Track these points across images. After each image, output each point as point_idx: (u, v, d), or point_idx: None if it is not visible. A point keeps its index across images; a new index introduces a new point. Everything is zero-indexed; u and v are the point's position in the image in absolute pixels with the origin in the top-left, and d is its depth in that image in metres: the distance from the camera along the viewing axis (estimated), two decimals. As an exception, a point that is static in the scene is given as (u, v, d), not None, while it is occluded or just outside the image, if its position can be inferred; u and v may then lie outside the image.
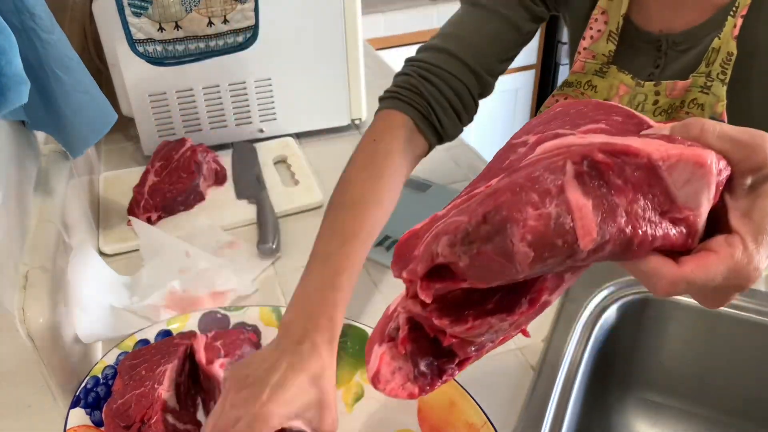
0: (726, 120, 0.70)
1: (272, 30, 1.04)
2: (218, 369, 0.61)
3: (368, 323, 0.69)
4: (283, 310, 0.70)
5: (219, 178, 1.04)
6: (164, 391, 0.57)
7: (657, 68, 0.76)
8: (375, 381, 0.43)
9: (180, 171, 0.98)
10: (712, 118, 0.70)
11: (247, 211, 0.97)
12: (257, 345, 0.68)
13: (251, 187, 1.01)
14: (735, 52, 0.68)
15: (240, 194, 1.00)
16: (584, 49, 0.79)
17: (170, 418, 0.57)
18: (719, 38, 0.69)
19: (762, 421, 0.79)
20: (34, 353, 0.58)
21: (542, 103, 1.04)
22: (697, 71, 0.72)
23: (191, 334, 0.65)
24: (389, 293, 0.81)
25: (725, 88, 0.69)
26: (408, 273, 0.38)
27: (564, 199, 0.32)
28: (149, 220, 0.93)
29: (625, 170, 0.33)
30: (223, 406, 0.54)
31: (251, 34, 0.96)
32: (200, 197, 0.99)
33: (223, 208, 0.98)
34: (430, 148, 0.80)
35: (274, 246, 0.86)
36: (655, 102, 0.75)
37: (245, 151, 1.10)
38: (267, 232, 0.88)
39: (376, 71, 1.48)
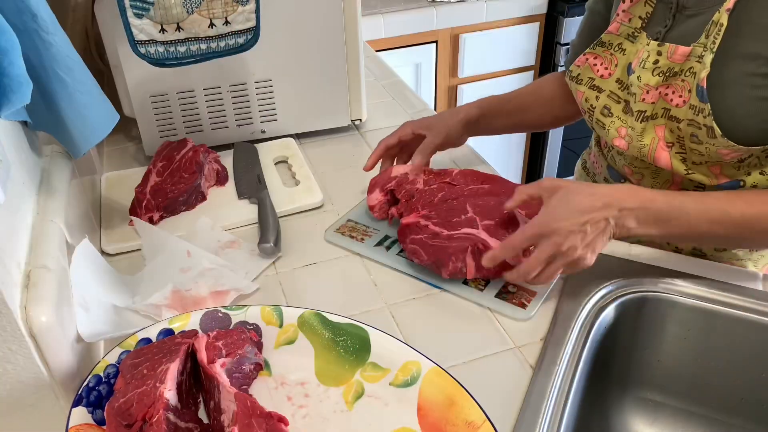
0: (705, 86, 0.74)
1: (273, 31, 1.05)
2: (219, 369, 0.62)
3: (368, 323, 0.69)
4: (284, 309, 0.70)
5: (220, 179, 1.04)
6: (166, 389, 0.57)
7: (664, 28, 0.82)
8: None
9: (182, 171, 0.98)
10: (698, 84, 0.75)
11: (248, 210, 0.97)
12: (259, 344, 0.69)
13: (252, 187, 1.01)
14: (725, 24, 0.73)
15: (241, 194, 1.01)
16: (623, 11, 0.86)
17: (172, 417, 0.57)
18: (719, 12, 0.74)
19: (760, 420, 0.79)
20: (36, 352, 0.59)
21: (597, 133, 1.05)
22: (698, 41, 0.76)
23: (193, 333, 0.65)
24: (389, 293, 0.81)
25: (712, 56, 0.74)
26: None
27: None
28: (151, 220, 0.94)
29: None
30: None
31: (252, 35, 0.97)
32: (202, 197, 1.00)
33: (224, 207, 0.99)
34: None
35: (274, 245, 0.86)
36: (656, 62, 0.80)
37: (246, 151, 1.10)
38: (267, 231, 0.89)
39: (376, 72, 1.48)
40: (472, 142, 1.28)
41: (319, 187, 1.02)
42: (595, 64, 0.89)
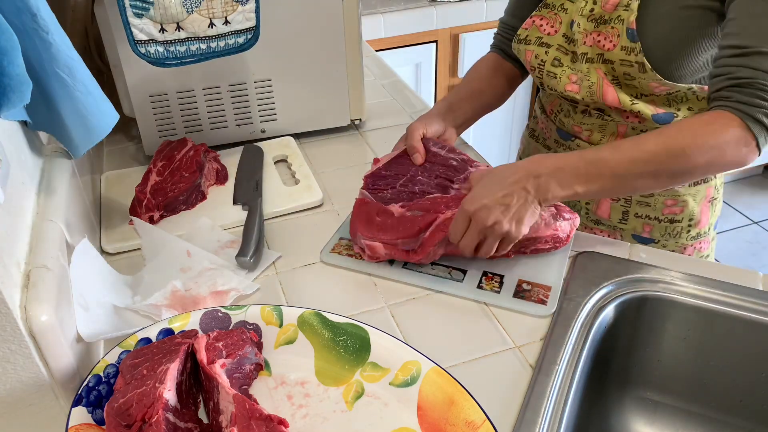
0: (635, 29, 0.86)
1: (273, 31, 1.05)
2: (219, 369, 0.62)
3: (368, 323, 0.69)
4: (284, 309, 0.70)
5: (220, 178, 1.04)
6: (165, 390, 0.57)
7: None
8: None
9: (182, 170, 0.98)
10: (628, 27, 0.86)
11: (243, 214, 0.97)
12: (259, 344, 0.69)
13: (248, 194, 1.00)
14: None
15: (236, 200, 1.00)
16: None
17: (171, 417, 0.57)
18: None
19: (759, 420, 0.79)
20: (36, 352, 0.59)
21: (541, 102, 1.09)
22: None
23: (193, 333, 0.65)
24: (389, 293, 0.81)
25: (638, 2, 0.85)
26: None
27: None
28: (151, 219, 0.94)
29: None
30: None
31: (252, 35, 0.97)
32: (202, 196, 1.00)
33: (224, 207, 0.99)
34: (522, 73, 1.12)
35: (251, 260, 0.84)
36: (591, 10, 0.91)
37: (253, 155, 1.10)
38: (248, 244, 0.87)
39: (376, 72, 1.48)
40: (473, 142, 1.28)
41: (318, 185, 1.02)
42: (541, 25, 0.98)
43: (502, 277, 0.82)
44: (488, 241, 0.78)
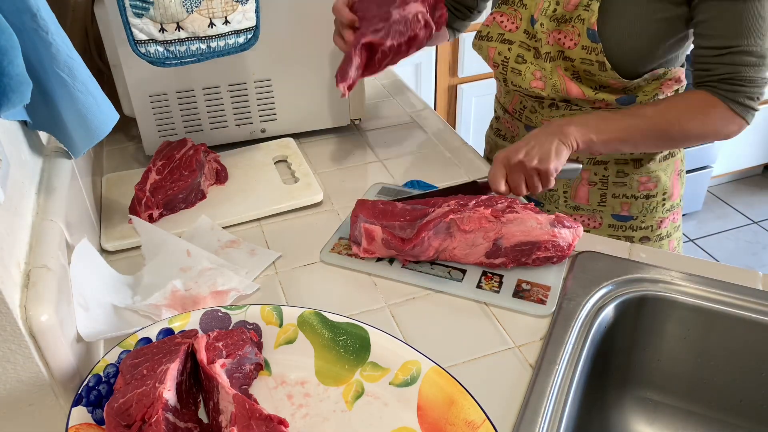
0: (597, 29, 0.90)
1: (273, 31, 1.05)
2: (219, 369, 0.62)
3: (368, 323, 0.69)
4: (284, 309, 0.70)
5: (220, 178, 1.04)
6: (165, 390, 0.57)
7: None
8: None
9: (182, 169, 0.98)
10: (589, 28, 0.90)
11: (247, 209, 0.97)
12: (259, 344, 0.69)
13: None
14: None
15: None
16: None
17: (171, 417, 0.57)
18: None
19: (760, 420, 0.79)
20: (36, 352, 0.59)
21: (500, 102, 1.13)
22: None
23: (193, 333, 0.65)
24: (389, 293, 0.81)
25: (599, 4, 0.89)
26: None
27: None
28: (151, 218, 0.94)
29: None
30: None
31: (252, 35, 0.97)
32: (201, 195, 1.00)
33: (224, 206, 0.99)
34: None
35: None
36: (554, 10, 0.94)
37: None
38: None
39: (376, 71, 1.48)
40: (472, 142, 1.28)
41: (318, 184, 1.02)
42: (502, 21, 1.01)
43: (501, 276, 0.82)
44: (528, 180, 0.86)
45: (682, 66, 0.99)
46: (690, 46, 0.96)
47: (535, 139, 0.87)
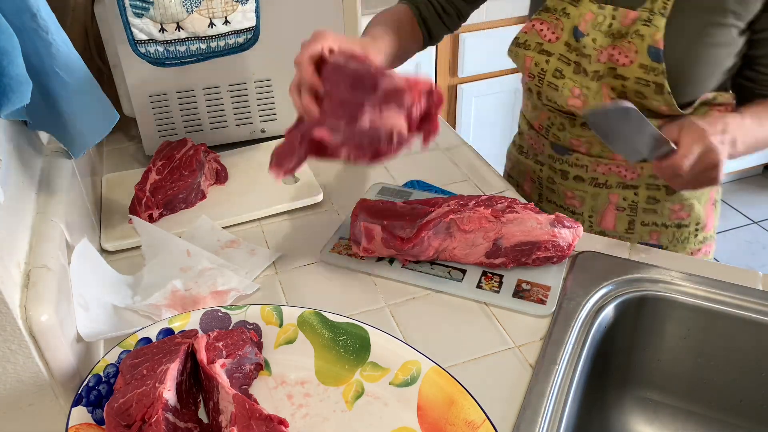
0: (662, 47, 0.83)
1: (273, 31, 1.05)
2: (219, 369, 0.62)
3: (368, 323, 0.69)
4: (284, 309, 0.70)
5: (220, 178, 1.04)
6: (165, 390, 0.57)
7: None
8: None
9: (182, 169, 0.98)
10: (651, 46, 0.84)
11: (246, 208, 0.97)
12: (259, 344, 0.69)
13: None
14: None
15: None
16: None
17: (171, 417, 0.57)
18: None
19: (760, 420, 0.79)
20: (36, 352, 0.59)
21: (526, 118, 1.09)
22: (643, 6, 0.85)
23: (193, 333, 0.65)
24: (389, 293, 0.81)
25: (665, 20, 0.83)
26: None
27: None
28: (151, 218, 0.94)
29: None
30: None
31: (252, 35, 0.97)
32: (202, 195, 1.00)
33: (224, 206, 0.99)
34: (424, 40, 1.04)
35: None
36: (610, 25, 0.88)
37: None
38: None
39: (376, 72, 1.48)
40: (472, 142, 1.27)
41: (318, 184, 1.02)
42: (541, 29, 0.94)
43: (501, 276, 0.82)
44: (699, 167, 0.76)
45: (727, 90, 0.92)
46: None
47: (725, 125, 0.77)
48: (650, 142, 0.77)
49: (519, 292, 0.79)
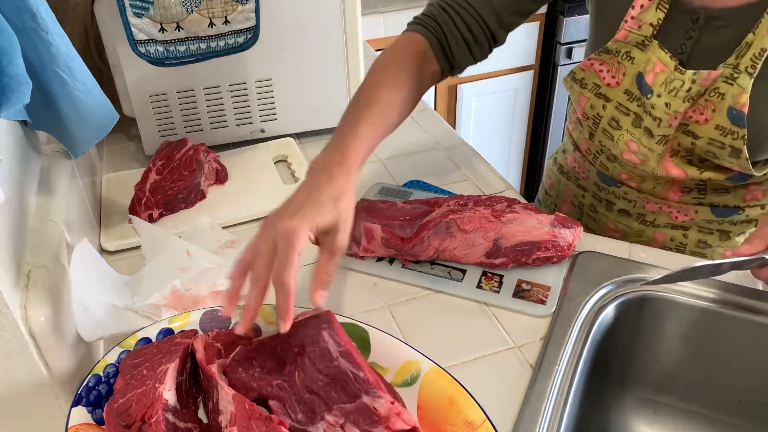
0: (746, 111, 0.73)
1: (273, 31, 1.05)
2: (218, 369, 0.62)
3: (368, 323, 0.69)
4: (283, 309, 0.70)
5: (220, 178, 1.04)
6: (165, 390, 0.57)
7: (689, 40, 0.77)
8: None
9: (182, 169, 0.98)
10: (732, 108, 0.73)
11: (248, 209, 0.97)
12: (258, 344, 0.69)
13: None
14: None
15: None
16: (632, 18, 0.79)
17: (170, 417, 0.57)
18: (753, 33, 0.71)
19: (760, 420, 0.79)
20: (36, 352, 0.59)
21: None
22: (726, 63, 0.74)
23: (192, 333, 0.65)
24: (389, 293, 0.81)
25: (752, 80, 0.72)
26: None
27: None
28: (150, 218, 0.94)
29: None
30: (252, 243, 0.63)
31: (252, 34, 0.97)
32: (201, 195, 1.00)
33: (224, 206, 0.99)
34: (443, 73, 0.88)
35: None
36: (689, 90, 0.76)
37: None
38: None
39: (376, 71, 1.48)
40: (472, 142, 1.27)
41: (318, 186, 1.02)
42: (600, 71, 0.85)
43: (501, 276, 0.82)
44: None
45: None
46: None
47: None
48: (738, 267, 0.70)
49: (519, 292, 0.79)
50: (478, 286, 0.80)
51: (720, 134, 0.76)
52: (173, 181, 0.97)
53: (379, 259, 0.86)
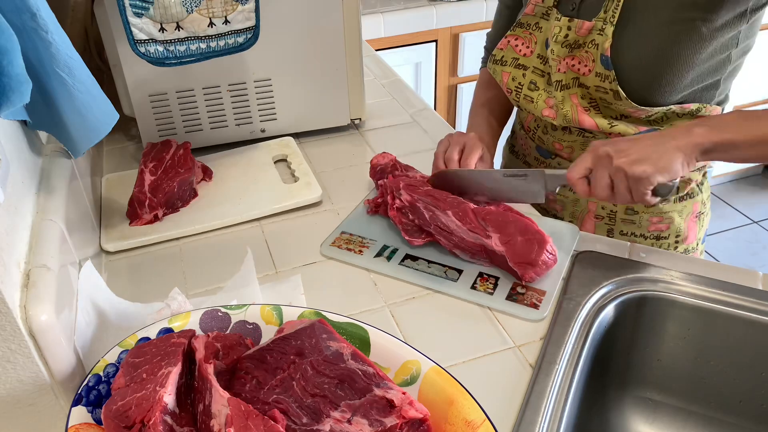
0: (609, 55, 0.85)
1: (273, 31, 1.05)
2: (212, 372, 0.61)
3: (368, 322, 0.69)
4: (284, 309, 0.70)
5: (207, 173, 1.05)
6: (165, 393, 0.57)
7: (578, 3, 0.90)
8: None
9: (177, 167, 0.99)
10: (602, 54, 0.85)
11: (248, 208, 0.97)
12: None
13: None
14: None
15: None
16: None
17: (169, 420, 0.57)
18: None
19: (760, 420, 0.79)
20: (36, 351, 0.59)
21: (519, 118, 1.11)
22: (598, 16, 0.86)
23: (189, 333, 0.65)
24: (389, 293, 0.81)
25: (613, 28, 0.84)
26: None
27: None
28: (156, 218, 0.94)
29: None
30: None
31: (252, 34, 0.97)
32: (194, 193, 1.00)
33: (224, 206, 0.98)
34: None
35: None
36: (566, 36, 0.89)
37: None
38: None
39: (376, 71, 1.48)
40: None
41: (318, 183, 1.02)
42: (516, 45, 0.97)
43: (497, 279, 0.82)
44: (614, 183, 0.75)
45: (720, 104, 0.90)
46: (731, 81, 0.89)
47: (648, 138, 0.75)
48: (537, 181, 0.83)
49: (513, 295, 0.79)
50: (473, 287, 0.80)
51: (599, 80, 0.86)
52: (170, 179, 0.97)
53: (377, 254, 0.86)
